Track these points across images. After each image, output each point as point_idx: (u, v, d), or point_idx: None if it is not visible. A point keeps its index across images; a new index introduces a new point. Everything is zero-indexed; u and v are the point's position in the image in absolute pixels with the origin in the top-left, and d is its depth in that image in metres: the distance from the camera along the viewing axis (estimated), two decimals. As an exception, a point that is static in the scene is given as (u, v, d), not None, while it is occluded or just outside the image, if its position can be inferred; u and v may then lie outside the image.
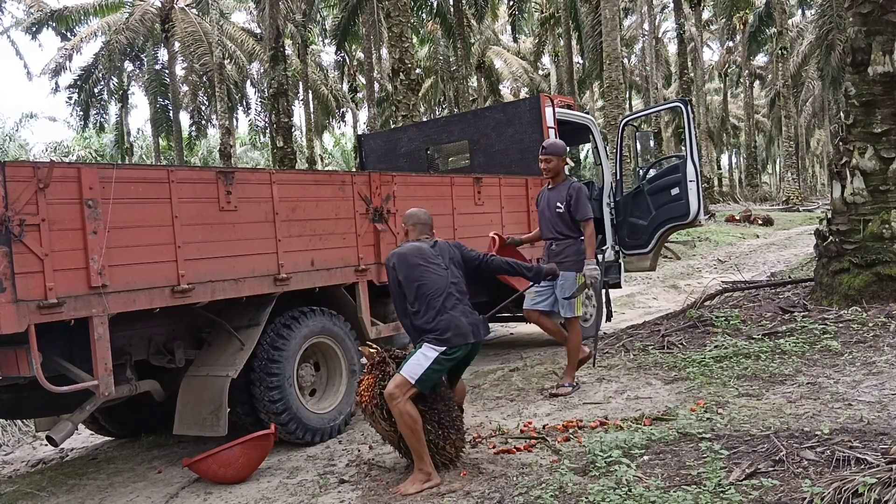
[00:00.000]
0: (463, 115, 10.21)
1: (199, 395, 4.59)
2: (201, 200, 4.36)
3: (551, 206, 5.69)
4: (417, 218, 4.37)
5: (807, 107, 49.08)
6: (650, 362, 6.08)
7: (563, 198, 5.61)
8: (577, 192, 5.60)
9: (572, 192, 5.60)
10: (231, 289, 4.50)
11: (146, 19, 27.81)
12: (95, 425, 5.70)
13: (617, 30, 19.80)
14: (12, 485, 4.97)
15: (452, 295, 4.09)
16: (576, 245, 5.63)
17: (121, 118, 34.19)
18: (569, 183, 5.72)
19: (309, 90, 34.20)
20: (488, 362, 7.41)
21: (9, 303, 3.48)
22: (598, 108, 40.57)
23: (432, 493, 3.79)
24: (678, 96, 33.07)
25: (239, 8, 36.15)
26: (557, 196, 5.66)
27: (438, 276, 4.10)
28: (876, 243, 6.92)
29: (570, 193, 5.60)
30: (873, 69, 7.04)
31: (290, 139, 18.16)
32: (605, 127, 21.10)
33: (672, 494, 3.25)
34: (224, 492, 4.26)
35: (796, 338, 6.05)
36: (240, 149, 45.51)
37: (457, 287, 4.15)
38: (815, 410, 4.34)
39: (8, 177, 3.52)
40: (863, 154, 7.11)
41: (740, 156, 58.98)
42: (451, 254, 4.26)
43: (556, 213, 5.65)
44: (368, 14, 27.33)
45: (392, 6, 13.72)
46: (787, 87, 33.52)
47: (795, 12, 39.93)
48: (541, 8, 35.69)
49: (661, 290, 11.97)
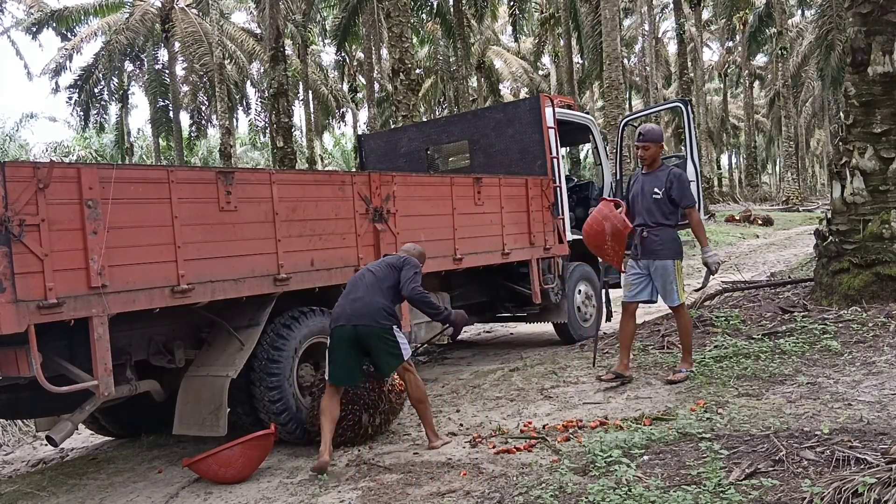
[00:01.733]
0: (463, 115, 10.20)
1: (199, 395, 4.59)
2: (201, 200, 4.36)
3: (647, 191, 5.50)
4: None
5: (807, 107, 49.08)
6: (650, 362, 6.09)
7: (661, 184, 5.45)
8: (679, 179, 5.45)
9: (673, 178, 5.45)
10: (231, 289, 4.50)
11: (146, 19, 27.81)
12: (95, 425, 5.70)
13: (617, 30, 19.79)
14: (12, 485, 4.98)
15: (357, 286, 4.64)
16: (671, 233, 5.51)
17: (121, 118, 34.19)
18: (668, 169, 5.57)
19: (309, 90, 34.20)
20: (488, 362, 7.42)
21: (9, 303, 3.48)
22: (598, 108, 40.55)
23: (432, 493, 3.79)
24: (678, 96, 33.06)
25: (239, 8, 36.18)
26: (655, 182, 5.49)
27: (358, 274, 4.78)
28: (876, 243, 6.92)
29: (670, 180, 5.44)
30: (873, 69, 7.04)
31: (290, 139, 18.16)
32: (605, 127, 21.08)
33: (672, 494, 3.25)
34: (224, 492, 4.26)
35: (796, 338, 6.05)
36: (240, 149, 45.50)
37: (368, 280, 4.64)
38: (815, 410, 4.34)
39: (8, 177, 3.52)
40: (863, 154, 7.11)
41: (740, 156, 58.97)
42: (396, 263, 4.75)
43: (652, 199, 5.46)
44: (368, 14, 27.34)
45: (392, 6, 13.72)
46: (787, 87, 33.51)
47: (795, 12, 39.95)
48: (541, 8, 35.67)
49: (661, 290, 11.95)
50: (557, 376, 6.19)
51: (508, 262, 7.11)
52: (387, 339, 4.54)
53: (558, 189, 7.69)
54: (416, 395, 4.69)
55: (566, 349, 7.50)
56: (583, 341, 7.68)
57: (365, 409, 4.79)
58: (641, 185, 5.59)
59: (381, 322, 4.52)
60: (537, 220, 7.32)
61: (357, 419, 4.77)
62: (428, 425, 4.70)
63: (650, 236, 5.49)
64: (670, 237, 5.52)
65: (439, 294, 6.77)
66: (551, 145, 7.64)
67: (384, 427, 4.98)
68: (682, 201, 5.46)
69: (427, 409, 4.72)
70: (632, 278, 5.61)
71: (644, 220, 5.53)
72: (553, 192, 7.58)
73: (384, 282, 4.64)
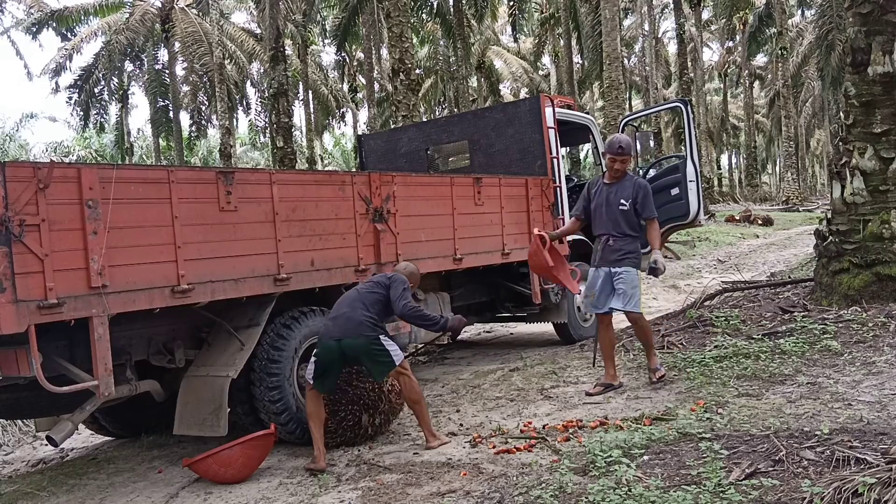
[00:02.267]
0: (463, 116, 10.20)
1: (199, 395, 4.59)
2: (201, 201, 4.36)
3: (612, 202, 5.53)
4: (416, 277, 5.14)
5: (807, 107, 49.08)
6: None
7: (628, 195, 5.49)
8: (646, 191, 5.52)
9: (639, 189, 5.50)
10: (231, 289, 4.50)
11: (146, 19, 27.81)
12: (95, 425, 5.70)
13: (617, 30, 19.80)
14: (12, 485, 4.98)
15: (340, 305, 4.73)
16: (635, 243, 5.56)
17: (121, 118, 34.18)
18: (633, 179, 5.61)
19: (309, 90, 34.19)
20: (488, 362, 7.42)
21: (9, 303, 3.48)
22: (598, 108, 40.54)
23: (432, 493, 3.79)
24: (678, 96, 33.05)
25: (239, 8, 36.16)
26: (622, 193, 5.52)
27: (342, 296, 4.86)
28: (876, 243, 6.92)
29: (637, 191, 5.49)
30: (873, 69, 7.04)
31: (290, 139, 18.16)
32: (605, 127, 21.09)
33: (672, 494, 3.25)
34: (224, 492, 4.26)
35: (796, 338, 6.05)
36: (240, 149, 45.51)
37: (350, 296, 4.75)
38: (815, 410, 4.34)
39: (8, 177, 3.52)
40: (863, 154, 7.11)
41: (740, 156, 58.95)
42: (384, 281, 4.80)
43: (619, 209, 5.50)
44: (368, 14, 27.34)
45: (392, 6, 13.71)
46: (787, 87, 33.52)
47: (795, 12, 39.94)
48: (541, 8, 35.67)
49: (661, 290, 11.97)
50: (557, 376, 6.19)
51: (508, 262, 7.12)
52: (374, 348, 4.58)
53: (558, 189, 7.69)
54: (411, 396, 4.73)
55: (566, 349, 7.50)
56: (583, 341, 7.68)
57: (365, 409, 4.80)
58: (606, 195, 5.59)
59: (366, 333, 4.55)
60: (537, 220, 7.32)
61: (357, 419, 4.78)
62: (425, 426, 4.72)
63: (615, 245, 5.53)
64: (635, 247, 5.58)
65: (439, 294, 6.77)
66: (551, 145, 7.64)
67: (384, 427, 4.98)
68: (644, 212, 5.53)
69: (424, 410, 4.75)
70: (596, 289, 5.62)
71: (608, 231, 5.56)
72: (553, 192, 7.58)
73: (368, 297, 4.69)
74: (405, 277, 4.89)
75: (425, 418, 4.74)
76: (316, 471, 4.36)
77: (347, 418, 4.76)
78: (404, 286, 4.75)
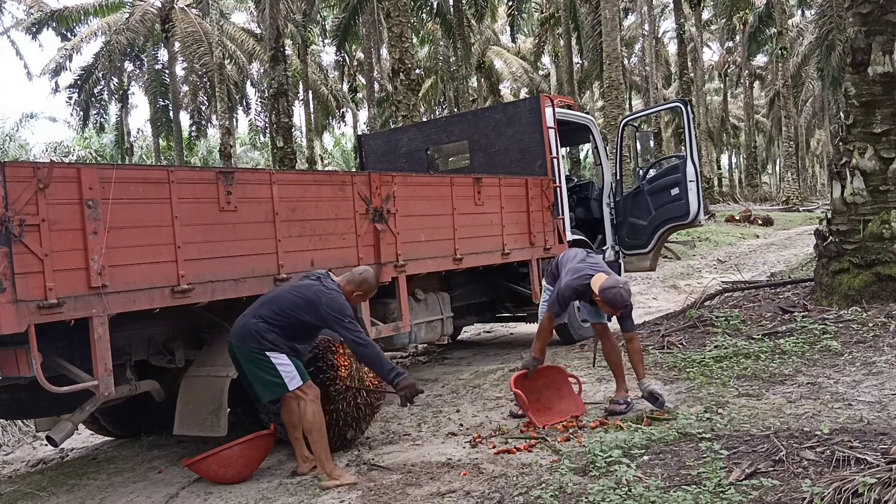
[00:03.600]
0: (463, 116, 10.20)
1: (199, 395, 4.58)
2: (201, 201, 4.36)
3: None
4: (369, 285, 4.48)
5: (807, 107, 49.07)
6: (650, 362, 6.07)
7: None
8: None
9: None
10: (231, 289, 4.50)
11: (146, 19, 27.80)
12: (95, 425, 5.70)
13: (617, 30, 19.80)
14: (12, 485, 4.98)
15: (258, 300, 4.31)
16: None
17: (121, 118, 34.17)
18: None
19: (309, 90, 34.19)
20: (488, 362, 7.42)
21: (9, 303, 3.48)
22: (598, 108, 40.55)
23: (432, 493, 3.79)
24: (678, 96, 33.06)
25: (239, 8, 36.16)
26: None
27: (277, 287, 4.45)
28: (876, 243, 6.92)
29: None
30: (873, 69, 7.05)
31: (290, 139, 18.15)
32: (605, 127, 21.09)
33: (672, 494, 3.25)
34: (224, 492, 4.26)
35: (796, 338, 6.05)
36: (240, 149, 45.48)
37: (263, 298, 4.30)
38: (815, 410, 4.34)
39: (8, 177, 3.51)
40: (863, 154, 7.11)
41: (740, 156, 58.94)
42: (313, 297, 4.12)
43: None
44: (368, 14, 27.33)
45: (392, 6, 13.71)
46: (787, 87, 33.50)
47: (795, 12, 39.93)
48: (541, 8, 35.68)
49: (661, 290, 11.98)
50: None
51: (508, 263, 7.12)
52: (258, 361, 4.08)
53: (558, 189, 7.69)
54: (308, 425, 4.11)
55: (566, 349, 7.49)
56: (583, 341, 7.67)
57: (349, 426, 4.67)
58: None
59: (250, 345, 4.08)
60: (537, 220, 7.32)
61: (342, 435, 4.68)
62: (319, 459, 4.16)
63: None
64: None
65: (439, 294, 6.77)
66: (551, 145, 7.64)
67: (367, 427, 4.93)
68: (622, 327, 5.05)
69: (321, 439, 4.12)
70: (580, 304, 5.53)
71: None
72: (553, 192, 7.58)
73: (273, 304, 4.17)
74: (342, 303, 4.16)
75: (322, 449, 4.13)
76: (299, 475, 4.31)
77: (335, 434, 4.57)
78: (344, 320, 4.07)
